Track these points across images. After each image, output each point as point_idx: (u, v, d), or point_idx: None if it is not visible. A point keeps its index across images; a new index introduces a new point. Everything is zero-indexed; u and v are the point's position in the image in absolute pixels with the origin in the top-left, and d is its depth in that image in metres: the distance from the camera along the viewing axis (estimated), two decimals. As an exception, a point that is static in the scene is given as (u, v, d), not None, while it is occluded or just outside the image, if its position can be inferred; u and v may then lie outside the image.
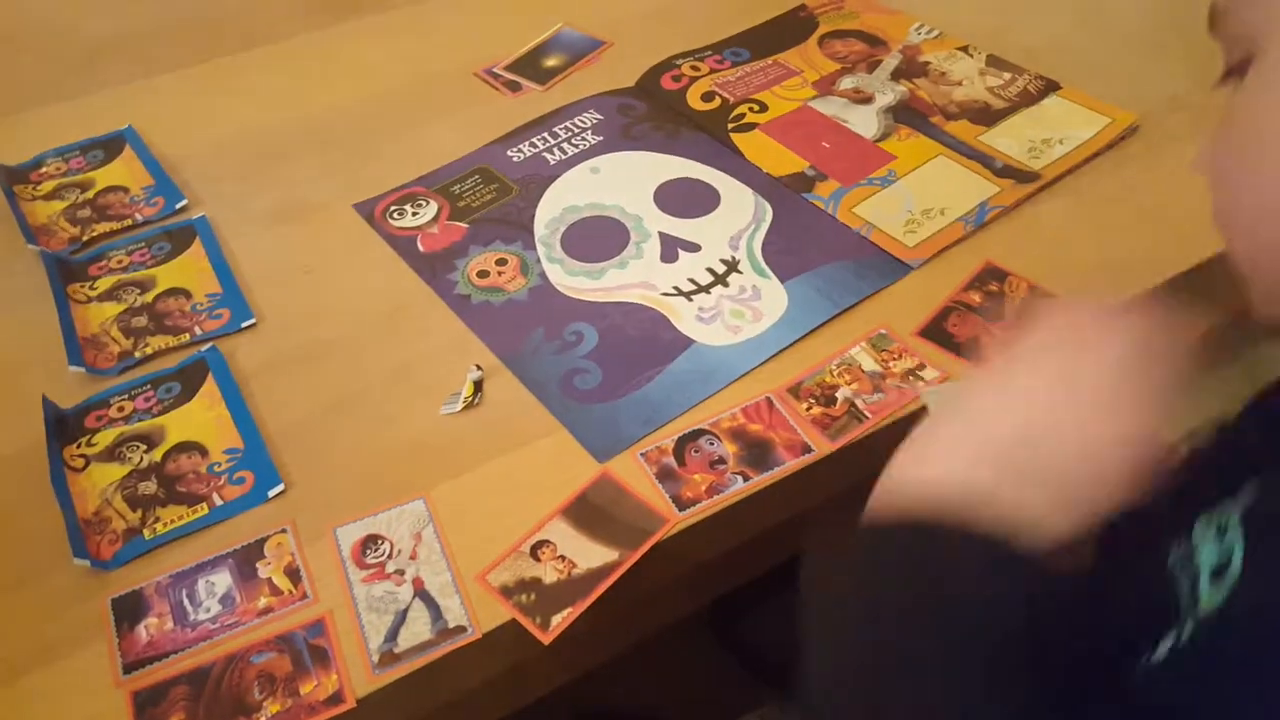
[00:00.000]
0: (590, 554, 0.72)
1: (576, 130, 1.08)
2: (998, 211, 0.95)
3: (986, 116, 1.06)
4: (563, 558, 0.72)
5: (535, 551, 0.72)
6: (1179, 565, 0.51)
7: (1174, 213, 0.94)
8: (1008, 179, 0.98)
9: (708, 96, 1.12)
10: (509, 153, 1.05)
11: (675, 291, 0.89)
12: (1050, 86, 1.10)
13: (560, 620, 0.68)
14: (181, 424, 0.80)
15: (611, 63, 1.19)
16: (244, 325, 0.88)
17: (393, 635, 0.68)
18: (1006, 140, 1.03)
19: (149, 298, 0.91)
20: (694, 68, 1.16)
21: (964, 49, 1.16)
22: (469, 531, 0.73)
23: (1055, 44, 1.16)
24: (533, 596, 0.70)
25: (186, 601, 0.70)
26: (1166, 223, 0.93)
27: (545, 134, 1.07)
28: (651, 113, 1.10)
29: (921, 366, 0.82)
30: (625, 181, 1.01)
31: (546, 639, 0.68)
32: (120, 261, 0.94)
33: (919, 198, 0.97)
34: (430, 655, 0.67)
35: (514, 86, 1.16)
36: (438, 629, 0.68)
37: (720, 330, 0.86)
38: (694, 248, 0.94)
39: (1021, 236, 0.93)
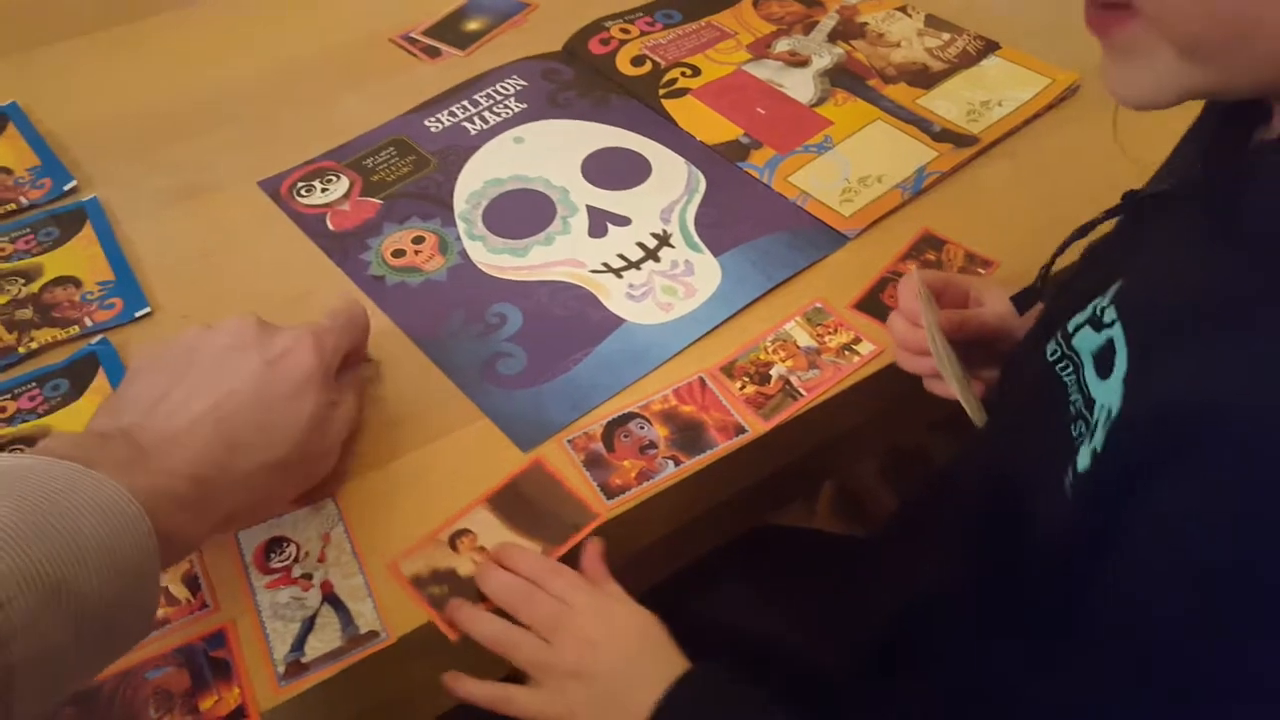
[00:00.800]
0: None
1: (499, 98, 1.02)
2: (936, 177, 0.91)
3: (925, 79, 1.03)
4: (482, 549, 0.68)
5: (454, 540, 0.68)
6: (1058, 357, 0.55)
7: (1115, 174, 0.91)
8: (946, 143, 0.95)
9: (638, 61, 1.07)
10: (426, 123, 1.00)
11: (604, 268, 0.85)
12: (990, 47, 1.06)
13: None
14: (70, 425, 0.74)
15: (536, 25, 1.14)
16: (138, 315, 0.82)
17: (300, 644, 0.63)
18: (945, 103, 0.99)
19: (34, 288, 0.84)
20: (624, 30, 1.11)
21: (902, 8, 1.13)
22: (382, 531, 0.68)
23: (995, 3, 1.13)
24: (445, 589, 0.66)
25: (77, 615, 0.65)
26: (1107, 184, 0.90)
27: (465, 102, 1.02)
28: (579, 78, 1.05)
29: (857, 340, 0.79)
30: (551, 152, 0.96)
31: (454, 635, 0.64)
32: (2, 249, 0.87)
33: (856, 165, 0.93)
34: (340, 663, 0.62)
35: (432, 52, 1.10)
36: (348, 635, 0.63)
37: (651, 308, 0.82)
38: (624, 221, 0.89)
39: (960, 202, 0.90)
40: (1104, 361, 0.50)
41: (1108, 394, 0.49)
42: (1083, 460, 0.50)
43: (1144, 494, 0.45)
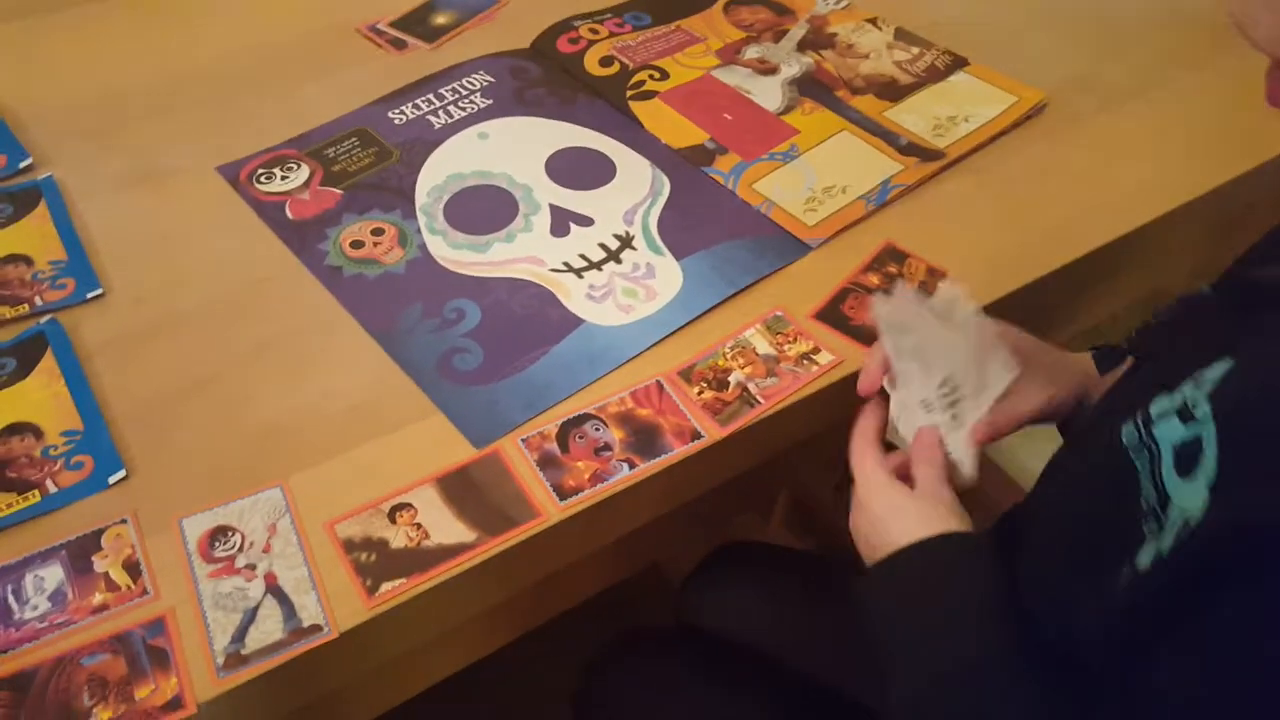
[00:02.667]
0: (449, 529, 0.67)
1: (465, 92, 1.02)
2: (900, 190, 0.92)
3: (893, 92, 1.03)
4: (419, 525, 0.67)
5: (394, 512, 0.68)
6: (1136, 443, 0.52)
7: (1079, 194, 0.93)
8: (912, 157, 0.95)
9: (606, 61, 1.06)
10: (390, 115, 0.99)
11: (565, 268, 0.85)
12: (958, 62, 1.07)
13: (390, 589, 0.64)
14: (14, 403, 0.73)
15: (506, 22, 1.13)
16: (90, 296, 0.81)
17: (240, 635, 0.62)
18: (912, 117, 1.00)
19: (-16, 264, 0.82)
20: (593, 30, 1.11)
21: (873, 21, 1.13)
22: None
23: (965, 18, 1.14)
24: (373, 557, 0.66)
25: (11, 598, 0.63)
26: (1071, 203, 0.92)
27: (431, 95, 1.01)
28: (546, 76, 1.05)
29: (816, 350, 0.79)
30: (515, 149, 0.95)
31: (369, 605, 0.63)
32: (-48, 224, 0.85)
33: (821, 174, 0.93)
34: (281, 657, 0.61)
35: (399, 44, 1.09)
36: (290, 628, 0.62)
37: (611, 309, 0.81)
38: (587, 221, 0.89)
39: (923, 216, 0.91)
40: (1187, 459, 0.47)
41: (1189, 498, 0.46)
42: (1144, 557, 0.48)
43: (1210, 599, 0.43)
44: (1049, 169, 0.95)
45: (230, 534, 0.67)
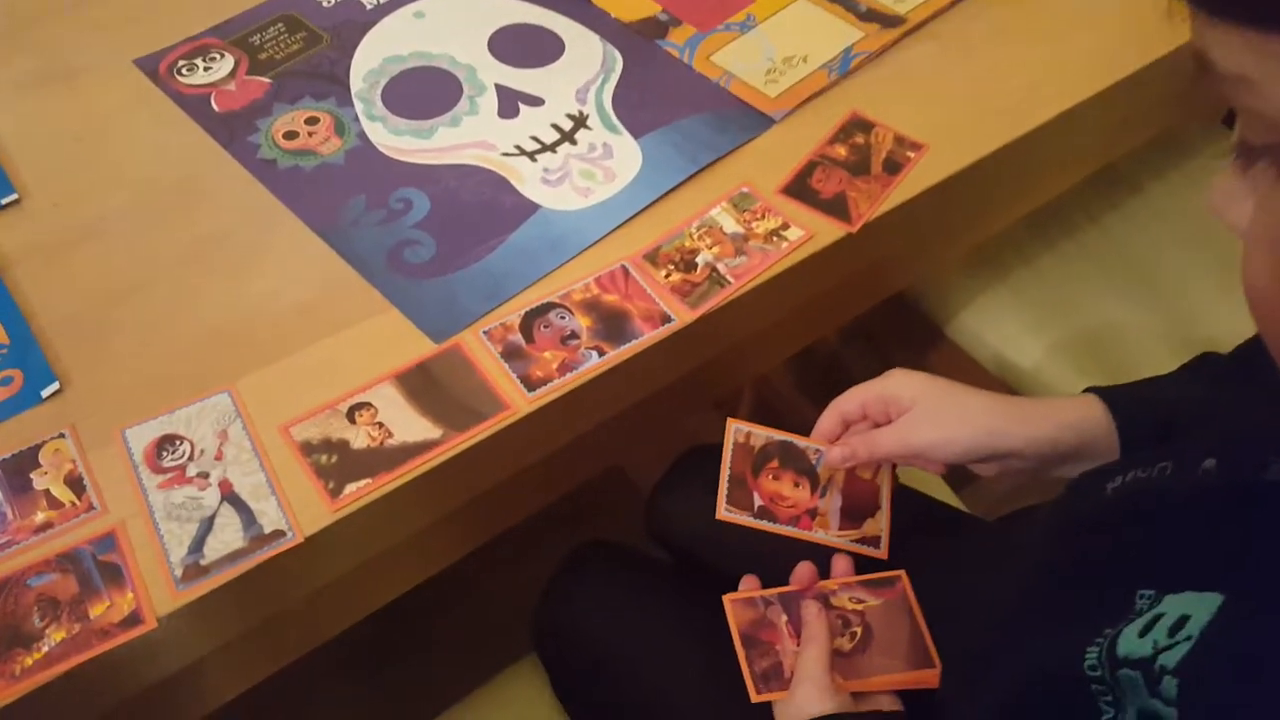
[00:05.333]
0: (412, 427, 0.64)
1: (398, -28, 0.95)
2: (863, 58, 0.88)
3: (849, -42, 0.98)
4: (380, 424, 0.64)
5: (353, 412, 0.65)
6: (1099, 677, 0.45)
7: (1045, 54, 0.89)
8: (873, 23, 0.91)
9: (547, -64, 1.00)
10: (319, -3, 0.92)
11: (517, 151, 0.80)
12: (914, -74, 1.02)
13: (354, 490, 0.61)
14: (-73, 320, 0.68)
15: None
16: (4, 202, 0.75)
17: (198, 546, 0.59)
18: (870, -17, 0.95)
19: (-121, 172, 0.76)
20: (531, -96, 1.04)
21: (824, -114, 1.07)
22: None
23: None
24: (334, 459, 0.62)
25: (-56, 524, 0.59)
26: (1038, 65, 0.88)
27: (361, -24, 0.94)
28: (484, -47, 0.98)
29: (785, 226, 0.76)
30: (455, 27, 0.89)
31: (332, 507, 0.60)
32: None
33: (780, 45, 0.89)
34: (244, 565, 0.58)
35: (324, -76, 1.01)
36: (251, 535, 0.59)
37: (569, 193, 0.77)
38: (536, 101, 0.84)
39: (888, 84, 0.87)
40: None
41: None
42: None
43: None
44: (1009, 32, 0.91)
45: (178, 443, 0.63)
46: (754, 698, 0.62)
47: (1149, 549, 0.50)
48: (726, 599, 0.66)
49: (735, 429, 0.70)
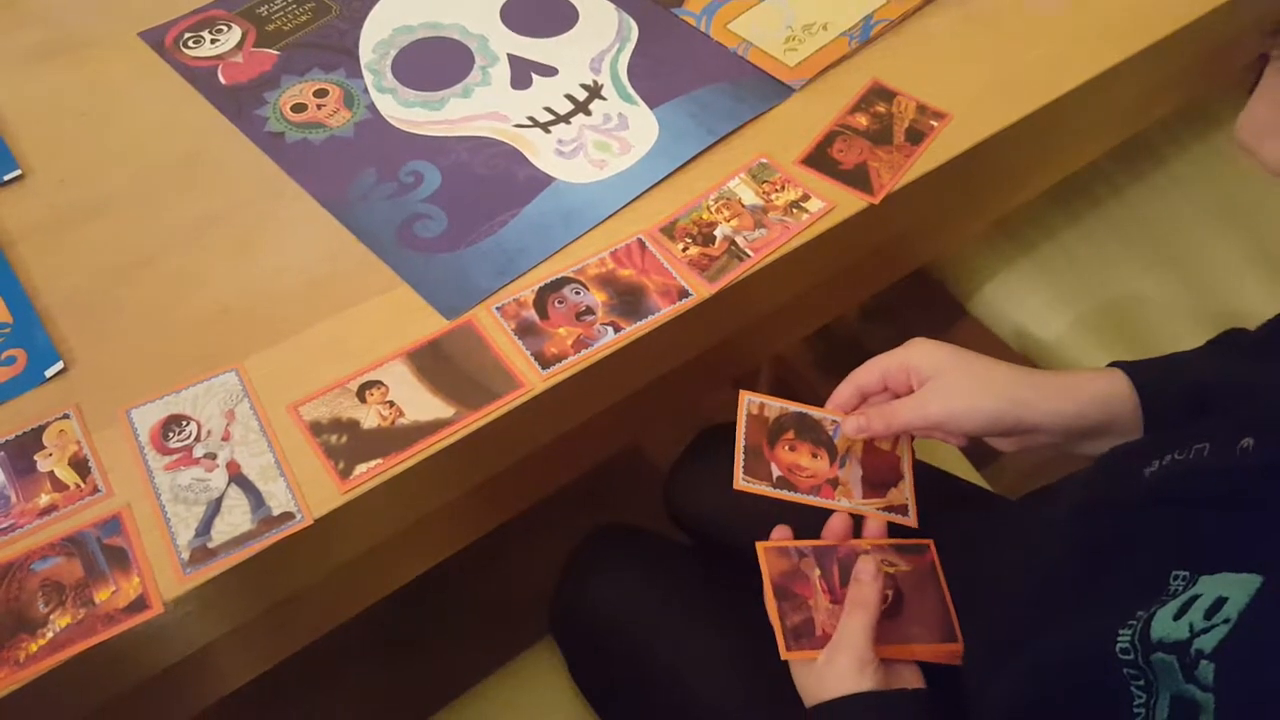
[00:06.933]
0: (423, 405, 0.63)
1: (407, -59, 0.93)
2: (884, 25, 0.85)
3: (870, -77, 0.96)
4: (391, 403, 0.62)
5: (363, 391, 0.63)
6: (1131, 661, 0.44)
7: (1068, 23, 0.87)
8: (894, -10, 0.88)
9: (559, -97, 0.97)
10: (327, -33, 0.90)
11: (530, 122, 0.78)
12: (937, -110, 0.99)
13: (365, 471, 0.60)
14: (-70, 298, 0.66)
15: None
16: (7, 178, 0.73)
17: (205, 528, 0.57)
18: (892, -52, 0.92)
19: (-120, 149, 0.74)
20: None
21: None
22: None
23: None
24: (344, 439, 0.61)
25: (-50, 507, 0.58)
26: (1061, 34, 0.86)
27: (370, -55, 0.92)
28: (495, -79, 0.96)
29: (806, 198, 0.74)
30: (466, -3, 0.87)
31: (342, 488, 0.59)
32: None
33: (800, 12, 0.86)
34: (252, 548, 0.57)
35: (332, -108, 0.99)
36: (259, 517, 0.58)
37: (583, 165, 0.75)
38: (550, 71, 0.82)
39: (910, 52, 0.84)
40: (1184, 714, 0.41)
41: None
42: None
43: None
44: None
45: (185, 423, 0.61)
46: (784, 654, 0.59)
47: (1183, 529, 0.48)
48: (760, 546, 0.63)
49: (748, 400, 0.68)
